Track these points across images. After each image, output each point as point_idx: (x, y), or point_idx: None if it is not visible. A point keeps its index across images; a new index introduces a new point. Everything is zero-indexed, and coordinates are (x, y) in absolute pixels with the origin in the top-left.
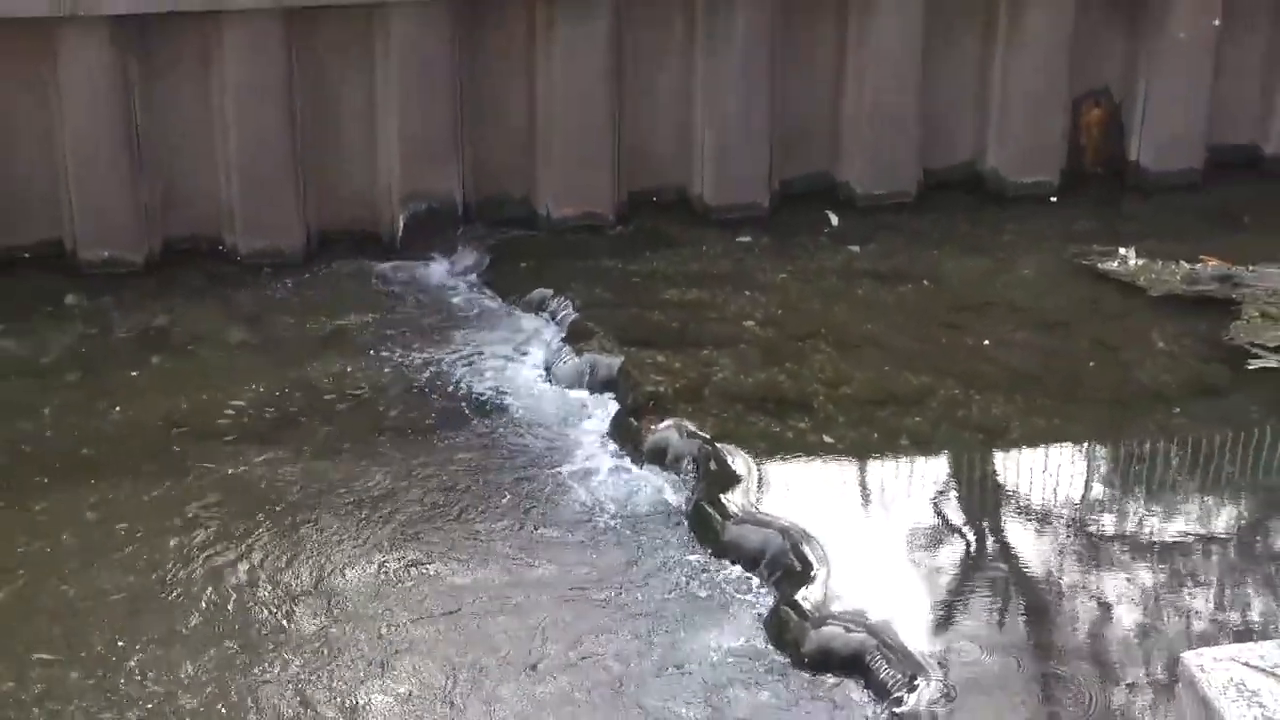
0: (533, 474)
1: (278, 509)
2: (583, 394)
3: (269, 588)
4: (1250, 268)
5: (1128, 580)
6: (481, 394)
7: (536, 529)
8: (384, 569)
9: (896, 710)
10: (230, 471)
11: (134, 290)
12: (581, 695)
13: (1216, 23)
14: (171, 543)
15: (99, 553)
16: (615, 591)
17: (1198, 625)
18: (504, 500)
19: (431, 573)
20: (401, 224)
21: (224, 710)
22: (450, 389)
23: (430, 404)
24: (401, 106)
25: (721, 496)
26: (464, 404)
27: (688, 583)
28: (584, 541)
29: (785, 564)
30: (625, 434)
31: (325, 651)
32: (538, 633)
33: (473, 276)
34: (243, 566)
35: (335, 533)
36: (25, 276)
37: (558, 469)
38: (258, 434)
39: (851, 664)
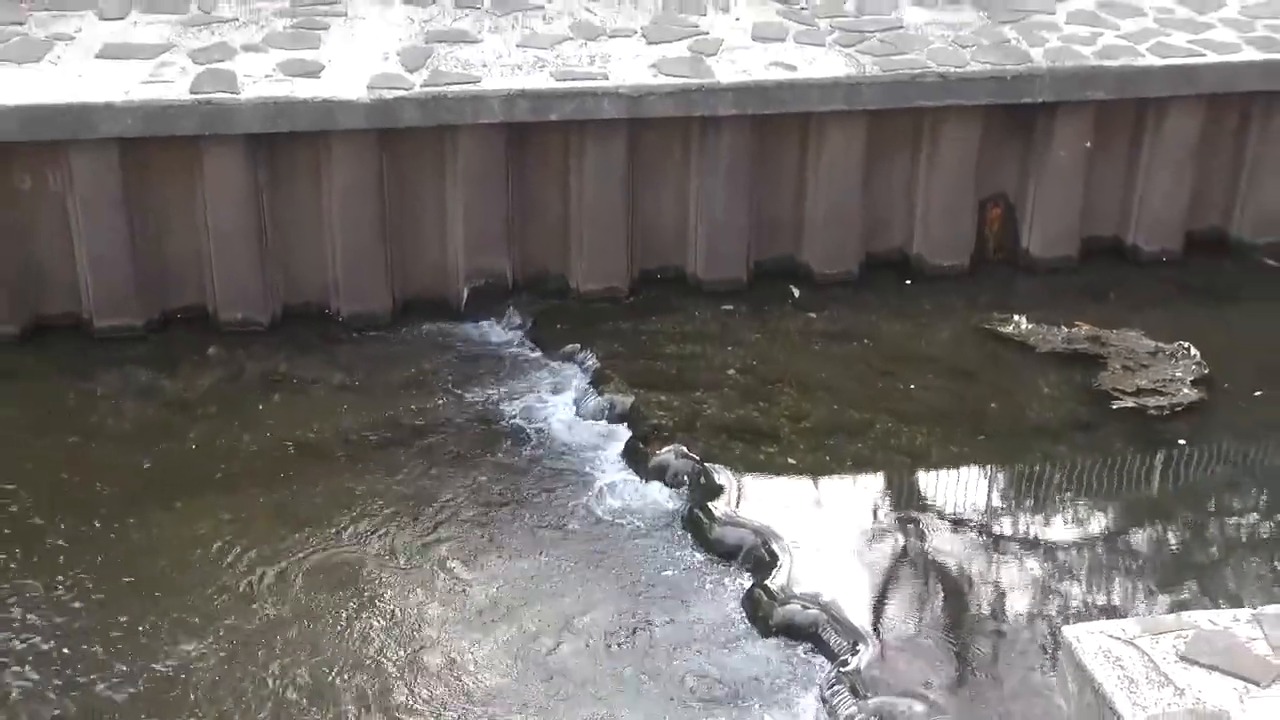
0: (564, 486)
1: (370, 514)
2: (603, 425)
3: (365, 574)
4: (1114, 331)
5: (1020, 571)
6: (526, 425)
7: (566, 527)
8: (451, 558)
9: (843, 669)
10: (333, 485)
11: (261, 344)
12: (599, 651)
13: (1088, 144)
14: (287, 539)
15: (231, 547)
16: (626, 575)
17: (1074, 606)
18: (542, 505)
19: (487, 560)
20: (466, 294)
21: (338, 669)
22: (501, 421)
23: (486, 432)
24: (466, 204)
25: (709, 504)
26: (512, 432)
27: (682, 570)
28: (603, 537)
29: (757, 556)
30: (635, 456)
31: (407, 618)
32: (564, 607)
33: (520, 335)
34: (344, 558)
35: (415, 530)
36: (177, 332)
37: (583, 482)
38: (355, 456)
39: (808, 633)
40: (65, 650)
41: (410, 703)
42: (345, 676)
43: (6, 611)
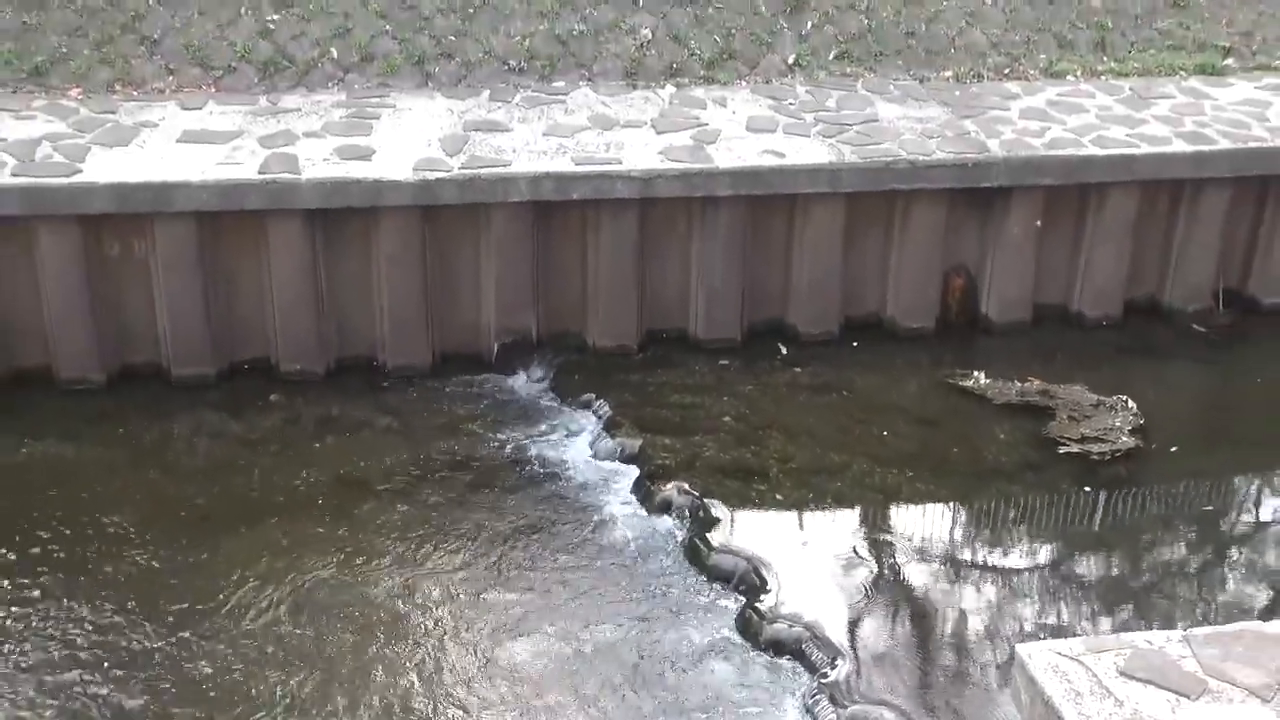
0: (580, 517)
1: (409, 540)
2: (615, 465)
3: (402, 592)
4: (1061, 386)
5: (979, 595)
6: (547, 464)
7: (581, 554)
8: (479, 576)
9: (823, 681)
10: (378, 515)
11: (316, 391)
12: (606, 662)
13: (1038, 223)
14: (336, 562)
15: (287, 568)
16: (633, 596)
17: (1026, 626)
18: (560, 534)
19: (511, 580)
20: (496, 349)
21: (375, 673)
22: (526, 460)
23: (512, 470)
24: (498, 271)
25: (706, 534)
26: (535, 470)
27: (683, 592)
28: (614, 563)
29: (749, 581)
30: (643, 492)
31: (437, 631)
32: (577, 623)
33: (543, 385)
34: (385, 576)
35: (447, 555)
36: (244, 381)
37: (597, 515)
38: (397, 489)
39: (793, 649)
40: (142, 653)
41: (432, 707)
42: (378, 680)
43: (96, 620)
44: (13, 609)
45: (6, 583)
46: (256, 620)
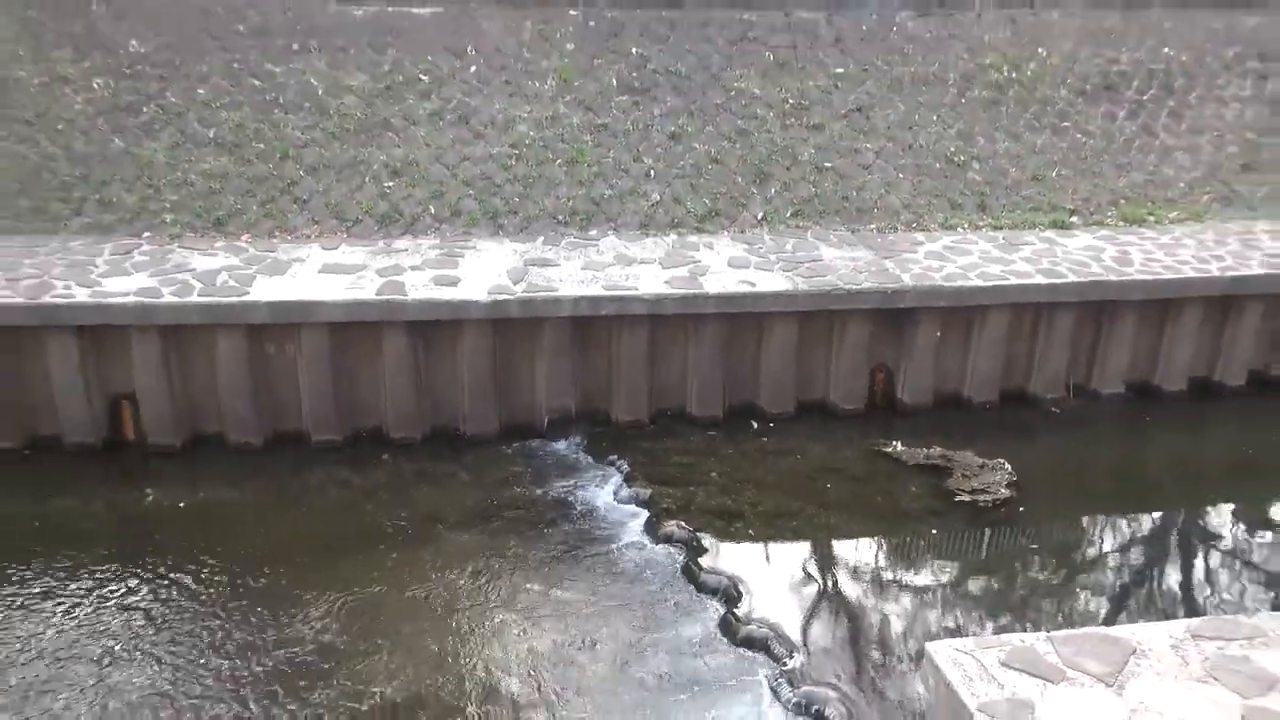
0: (602, 547)
1: (476, 561)
2: (631, 508)
3: (468, 598)
4: (955, 452)
5: (898, 606)
6: (580, 506)
7: (604, 572)
8: (526, 587)
9: (783, 669)
10: (456, 543)
11: (415, 451)
12: (618, 655)
13: (938, 334)
14: (426, 578)
15: (392, 584)
16: (642, 604)
17: (933, 629)
18: (588, 559)
19: (550, 591)
20: (546, 422)
21: (444, 662)
22: (564, 504)
23: (555, 510)
24: (548, 365)
25: (698, 559)
26: (572, 511)
27: (679, 602)
28: (628, 579)
29: (729, 593)
30: (652, 528)
31: (489, 629)
32: (598, 625)
33: (580, 448)
34: (457, 586)
35: (503, 572)
36: (361, 445)
37: (615, 545)
38: (470, 524)
39: (761, 645)
40: (272, 643)
41: (490, 680)
42: (446, 660)
43: (242, 618)
44: (180, 612)
45: (178, 594)
46: (357, 618)
